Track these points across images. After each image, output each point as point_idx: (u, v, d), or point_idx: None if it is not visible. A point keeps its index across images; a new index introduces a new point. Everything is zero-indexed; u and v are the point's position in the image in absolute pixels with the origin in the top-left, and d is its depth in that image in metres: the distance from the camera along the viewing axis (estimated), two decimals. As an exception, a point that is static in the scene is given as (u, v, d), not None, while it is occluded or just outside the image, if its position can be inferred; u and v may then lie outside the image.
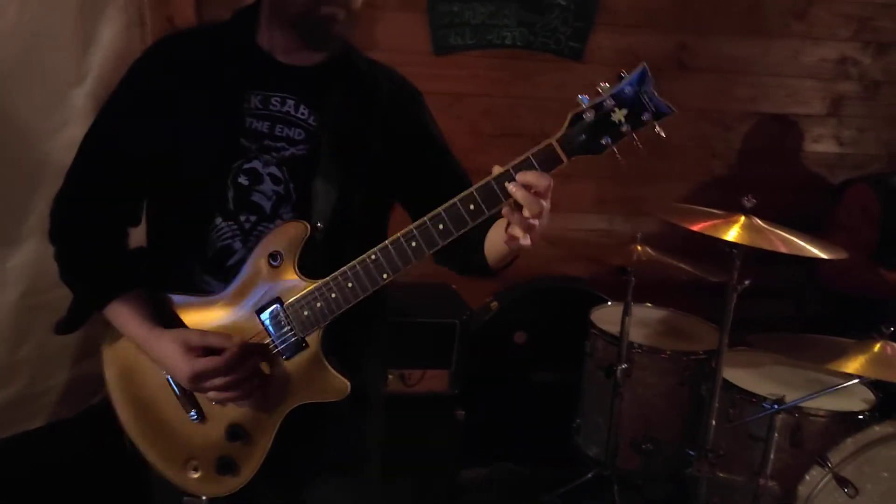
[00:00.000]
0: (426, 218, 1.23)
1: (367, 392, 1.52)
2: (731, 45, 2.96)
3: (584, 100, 1.19)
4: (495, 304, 2.88)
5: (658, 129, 1.19)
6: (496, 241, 1.38)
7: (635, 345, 2.49)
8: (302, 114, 1.40)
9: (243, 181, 1.36)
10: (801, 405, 2.07)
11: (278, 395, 1.36)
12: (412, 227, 1.24)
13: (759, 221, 2.08)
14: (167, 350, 1.33)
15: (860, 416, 2.14)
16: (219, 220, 1.37)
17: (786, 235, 2.05)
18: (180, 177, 1.37)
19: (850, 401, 2.20)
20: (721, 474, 2.19)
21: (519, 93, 2.82)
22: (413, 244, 1.25)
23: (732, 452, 2.21)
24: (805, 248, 2.01)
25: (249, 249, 1.36)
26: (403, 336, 2.40)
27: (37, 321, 1.94)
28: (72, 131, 1.47)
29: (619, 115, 1.17)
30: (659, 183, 3.00)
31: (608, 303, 2.78)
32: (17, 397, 2.00)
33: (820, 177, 3.16)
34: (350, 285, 1.29)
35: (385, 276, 1.28)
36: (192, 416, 1.38)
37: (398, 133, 1.47)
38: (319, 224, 1.36)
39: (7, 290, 1.94)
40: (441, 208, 1.23)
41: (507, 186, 1.18)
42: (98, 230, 1.42)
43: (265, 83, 1.39)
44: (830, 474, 1.95)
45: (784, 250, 1.98)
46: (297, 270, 1.33)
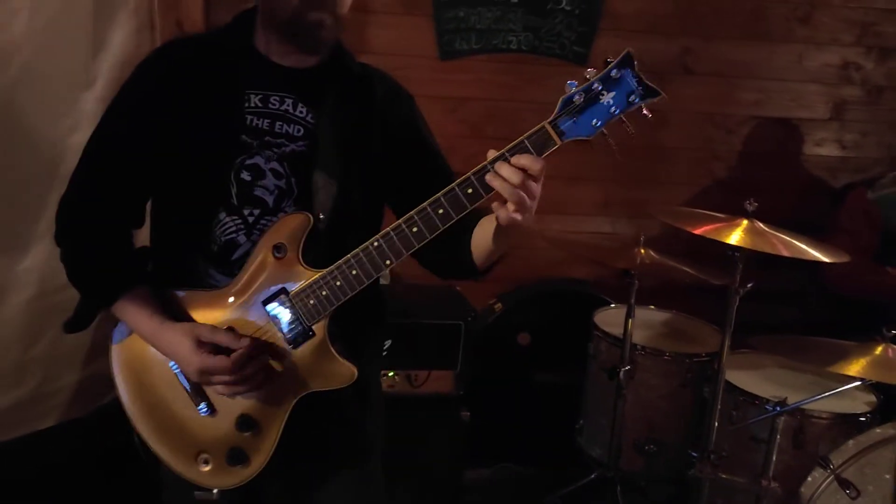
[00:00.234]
0: (426, 203, 1.26)
1: (368, 391, 1.55)
2: (735, 49, 2.97)
3: (572, 85, 1.23)
4: (499, 305, 2.90)
5: (646, 111, 1.23)
6: (483, 239, 1.41)
7: (638, 347, 2.49)
8: (300, 112, 1.43)
9: (246, 176, 1.40)
10: (803, 407, 2.07)
11: (287, 385, 1.38)
12: (413, 212, 1.27)
13: (761, 225, 2.08)
14: (177, 342, 1.35)
15: (862, 418, 2.15)
16: (223, 215, 1.40)
17: (788, 239, 2.05)
18: (184, 174, 1.40)
19: (852, 403, 2.21)
20: (723, 476, 2.19)
21: (524, 97, 2.82)
22: (414, 229, 1.27)
23: (735, 454, 2.22)
24: (807, 252, 2.01)
25: (254, 243, 1.38)
26: (409, 337, 2.41)
27: (48, 322, 1.96)
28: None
29: (607, 97, 1.21)
30: (662, 186, 3.01)
31: (611, 305, 2.79)
32: (29, 397, 2.02)
33: (822, 180, 3.17)
34: (354, 272, 1.31)
35: (388, 263, 1.30)
36: (202, 409, 1.40)
37: (392, 132, 1.50)
38: (321, 215, 1.39)
39: (19, 291, 1.95)
40: (440, 193, 1.25)
41: (487, 178, 1.22)
42: (103, 231, 1.44)
43: (264, 83, 1.42)
44: (832, 476, 1.96)
45: (786, 253, 1.98)
46: (301, 261, 1.35)
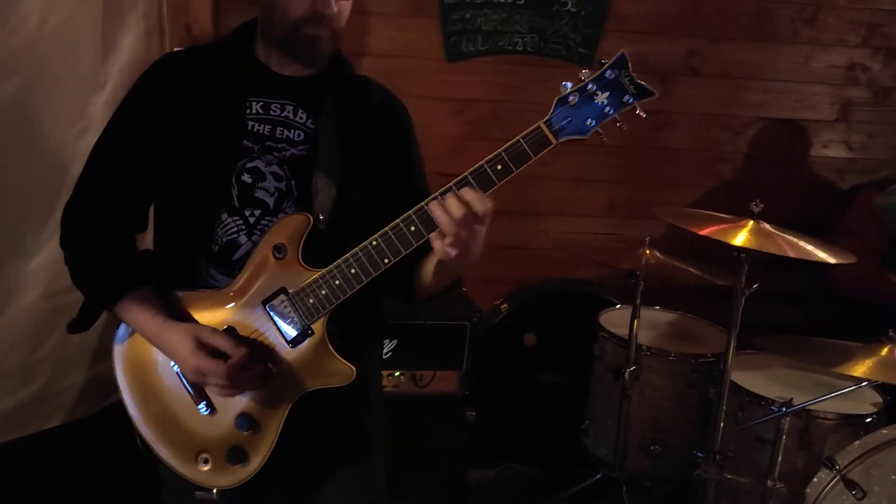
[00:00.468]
0: (423, 203, 1.28)
1: (367, 390, 1.57)
2: (741, 50, 2.97)
3: (567, 86, 1.24)
4: (505, 306, 2.90)
5: (640, 111, 1.24)
6: (429, 264, 1.43)
7: (644, 347, 2.49)
8: (300, 118, 1.46)
9: (246, 179, 1.42)
10: (809, 408, 2.07)
11: (286, 384, 1.39)
12: (410, 212, 1.29)
13: (767, 226, 2.07)
14: (178, 342, 1.36)
15: (868, 419, 2.14)
16: (224, 216, 1.42)
17: (794, 240, 2.04)
18: (186, 176, 1.42)
19: (858, 404, 2.21)
20: (729, 476, 2.19)
21: (529, 98, 2.83)
22: (412, 228, 1.29)
23: (740, 454, 2.22)
24: (813, 253, 2.01)
25: (254, 243, 1.41)
26: (415, 337, 2.42)
27: (55, 322, 1.97)
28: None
29: (601, 97, 1.23)
30: (668, 187, 3.01)
31: (617, 306, 2.79)
32: (36, 396, 2.03)
33: (829, 182, 3.16)
34: (353, 271, 1.33)
35: (386, 261, 1.31)
36: (203, 409, 1.41)
37: (384, 141, 1.54)
38: (321, 216, 1.41)
39: (27, 292, 1.97)
40: (437, 193, 1.26)
41: (430, 207, 1.24)
42: (107, 235, 1.46)
43: (265, 91, 1.46)
44: (838, 477, 1.95)
45: (792, 254, 1.98)
46: (301, 261, 1.37)
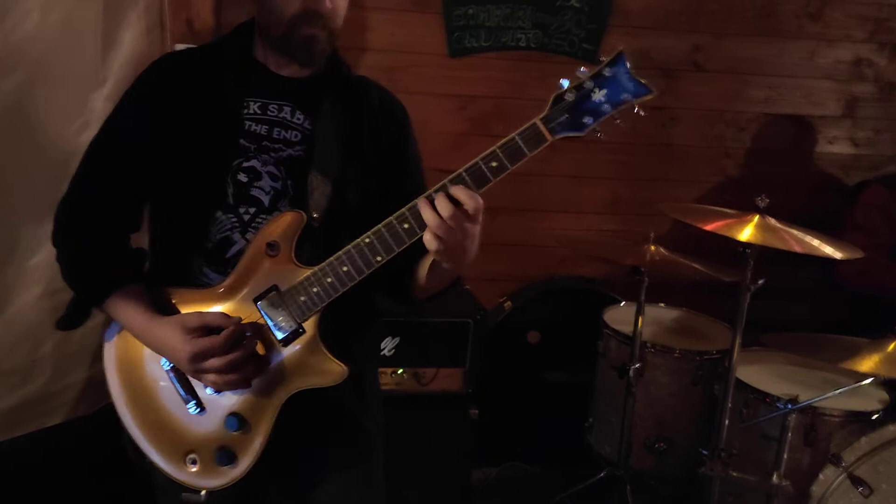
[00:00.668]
0: (416, 200, 1.26)
1: (364, 389, 1.56)
2: (746, 46, 2.95)
3: (564, 83, 1.24)
4: (509, 303, 2.89)
5: (637, 109, 1.22)
6: (427, 263, 1.42)
7: (648, 344, 2.48)
8: (298, 118, 1.46)
9: (242, 178, 1.42)
10: (814, 405, 2.05)
11: (276, 381, 1.38)
12: (404, 209, 1.28)
13: (773, 221, 2.06)
14: (167, 335, 1.35)
15: (874, 416, 2.13)
16: (219, 214, 1.42)
17: (800, 235, 2.03)
18: (182, 174, 1.42)
19: (865, 400, 2.19)
20: (734, 474, 2.17)
21: (532, 95, 2.81)
22: (405, 225, 1.28)
23: (746, 452, 2.21)
24: (819, 248, 1.99)
25: (248, 241, 1.40)
26: (418, 335, 2.41)
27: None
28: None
29: (598, 95, 1.22)
30: (672, 184, 3.00)
31: (621, 303, 2.78)
32: (37, 394, 2.03)
33: (835, 178, 3.15)
34: (345, 269, 1.31)
35: (379, 259, 1.30)
36: (191, 408, 1.40)
37: (381, 141, 1.53)
38: (315, 214, 1.40)
39: (28, 289, 1.97)
40: (431, 190, 1.25)
41: (419, 205, 1.23)
42: (99, 233, 1.45)
43: (263, 92, 1.46)
44: (844, 474, 1.95)
45: (798, 250, 1.96)
46: (294, 259, 1.36)
